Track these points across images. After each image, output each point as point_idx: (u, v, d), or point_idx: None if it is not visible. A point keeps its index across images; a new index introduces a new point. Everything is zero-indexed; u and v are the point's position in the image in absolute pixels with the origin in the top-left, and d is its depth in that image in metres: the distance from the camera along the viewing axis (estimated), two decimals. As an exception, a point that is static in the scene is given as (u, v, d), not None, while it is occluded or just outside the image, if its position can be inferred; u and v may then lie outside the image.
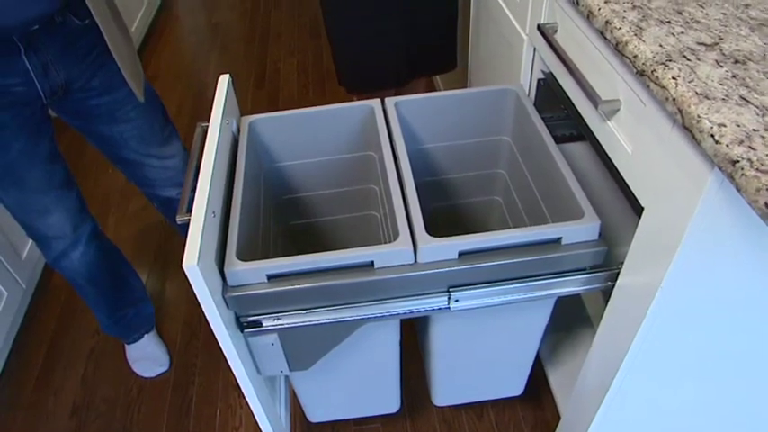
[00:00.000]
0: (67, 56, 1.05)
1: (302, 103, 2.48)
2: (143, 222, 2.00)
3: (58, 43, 1.02)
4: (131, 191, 2.10)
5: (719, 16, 0.72)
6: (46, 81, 1.03)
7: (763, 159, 0.51)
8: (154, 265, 1.84)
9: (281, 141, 1.13)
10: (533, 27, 1.05)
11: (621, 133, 0.79)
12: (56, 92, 1.07)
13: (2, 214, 1.60)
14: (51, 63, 1.02)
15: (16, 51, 0.97)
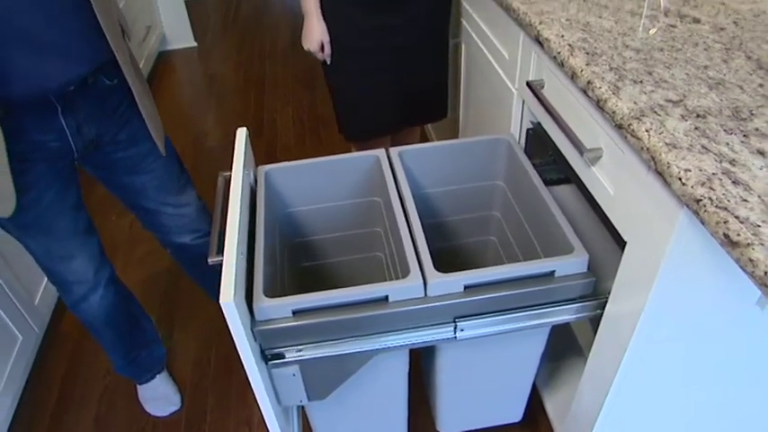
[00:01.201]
0: (98, 113, 1.14)
1: (300, 151, 2.59)
2: (149, 268, 2.07)
3: (90, 102, 1.12)
4: (136, 237, 2.18)
5: (683, 76, 0.84)
6: (79, 137, 1.13)
7: (720, 198, 0.61)
8: (161, 308, 1.91)
9: (294, 188, 1.23)
10: (522, 83, 1.17)
11: (604, 177, 0.90)
12: (87, 147, 1.16)
13: (16, 260, 1.67)
14: (84, 121, 1.12)
15: (54, 111, 1.07)
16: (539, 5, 1.08)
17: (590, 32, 0.97)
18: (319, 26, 1.47)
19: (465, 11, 1.52)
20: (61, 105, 1.07)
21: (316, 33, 1.48)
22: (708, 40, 0.95)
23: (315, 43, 1.49)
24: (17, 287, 1.67)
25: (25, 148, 1.06)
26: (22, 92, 0.99)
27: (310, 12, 1.47)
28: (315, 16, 1.47)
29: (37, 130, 1.06)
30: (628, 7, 1.07)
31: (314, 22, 1.47)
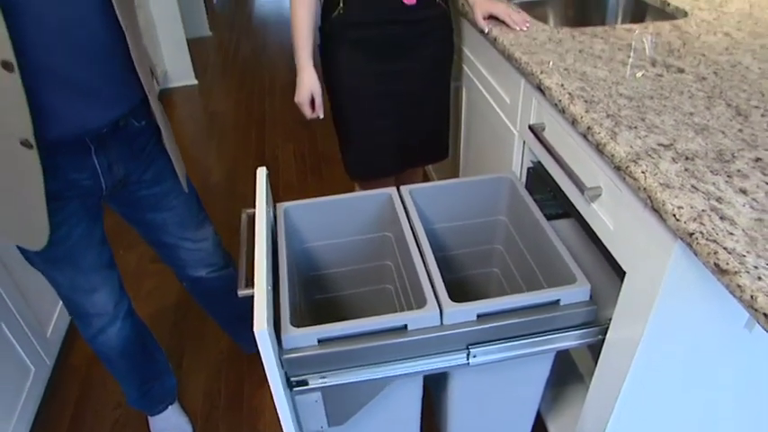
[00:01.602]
0: (127, 153, 1.22)
1: (302, 188, 2.67)
2: (157, 301, 2.12)
3: (120, 143, 1.19)
4: (144, 272, 2.23)
5: (672, 122, 0.94)
6: (109, 176, 1.20)
7: (710, 232, 0.70)
8: (171, 340, 1.95)
9: (310, 225, 1.31)
10: (523, 125, 1.27)
11: (604, 213, 0.98)
12: (116, 185, 1.23)
13: (30, 293, 1.73)
14: (114, 160, 1.19)
15: (88, 151, 1.14)
16: (539, 56, 1.19)
17: (587, 81, 1.07)
18: (310, 79, 1.49)
19: (466, 57, 1.62)
20: (95, 146, 1.14)
21: (306, 85, 1.49)
22: (692, 88, 1.05)
23: (304, 95, 1.50)
24: (31, 319, 1.72)
25: (60, 185, 1.12)
26: (61, 133, 1.06)
27: (302, 65, 1.48)
28: (306, 70, 1.48)
29: (72, 169, 1.13)
30: (619, 58, 1.18)
31: (304, 76, 1.49)
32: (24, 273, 1.71)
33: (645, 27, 1.35)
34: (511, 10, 1.37)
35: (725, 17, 1.40)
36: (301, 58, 1.47)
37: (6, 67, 0.92)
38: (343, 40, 1.48)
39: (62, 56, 0.99)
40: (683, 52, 1.20)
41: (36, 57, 0.95)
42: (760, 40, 1.26)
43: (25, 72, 0.94)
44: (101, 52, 1.05)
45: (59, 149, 1.07)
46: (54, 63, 0.98)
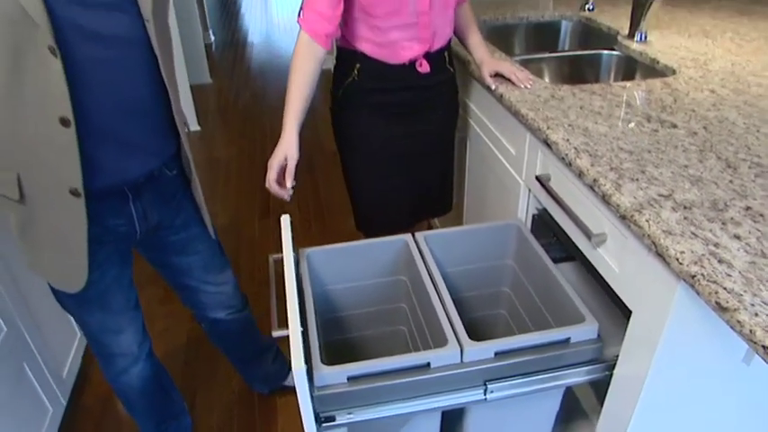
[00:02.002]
0: (160, 201, 1.30)
1: (306, 235, 2.75)
2: (168, 342, 2.16)
3: (154, 191, 1.28)
4: (154, 314, 2.28)
5: (669, 174, 1.04)
6: (144, 222, 1.27)
7: (710, 274, 0.79)
8: (183, 381, 1.99)
9: (329, 269, 1.38)
10: (529, 175, 1.37)
11: (609, 257, 1.07)
12: (149, 230, 1.31)
13: (49, 333, 1.77)
14: (149, 207, 1.27)
15: (126, 199, 1.22)
16: (544, 112, 1.29)
17: (590, 136, 1.18)
18: (289, 143, 1.43)
19: (472, 111, 1.74)
20: (132, 194, 1.22)
21: (282, 149, 1.43)
22: (684, 142, 1.15)
23: (278, 157, 1.42)
24: (49, 360, 1.76)
25: (99, 231, 1.19)
26: (104, 183, 1.14)
27: (286, 128, 1.43)
28: (288, 133, 1.43)
29: (110, 216, 1.21)
30: (617, 114, 1.29)
31: (285, 139, 1.43)
32: (43, 314, 1.77)
33: (638, 84, 1.46)
34: (515, 68, 1.49)
35: (710, 75, 1.52)
36: (287, 120, 1.43)
37: (64, 123, 1.01)
38: (357, 105, 1.54)
39: (111, 113, 1.08)
40: (675, 108, 1.31)
41: (89, 114, 1.04)
42: (742, 96, 1.38)
43: (78, 127, 1.02)
44: (145, 109, 1.14)
45: (101, 197, 1.15)
46: (104, 119, 1.07)
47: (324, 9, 1.36)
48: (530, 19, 2.14)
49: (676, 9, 2.16)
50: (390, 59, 1.45)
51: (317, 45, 1.38)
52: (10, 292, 1.58)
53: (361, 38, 1.45)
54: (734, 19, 2.05)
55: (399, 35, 1.42)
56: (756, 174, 1.04)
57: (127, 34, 1.05)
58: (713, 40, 1.81)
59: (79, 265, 1.18)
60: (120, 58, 1.05)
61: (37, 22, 0.92)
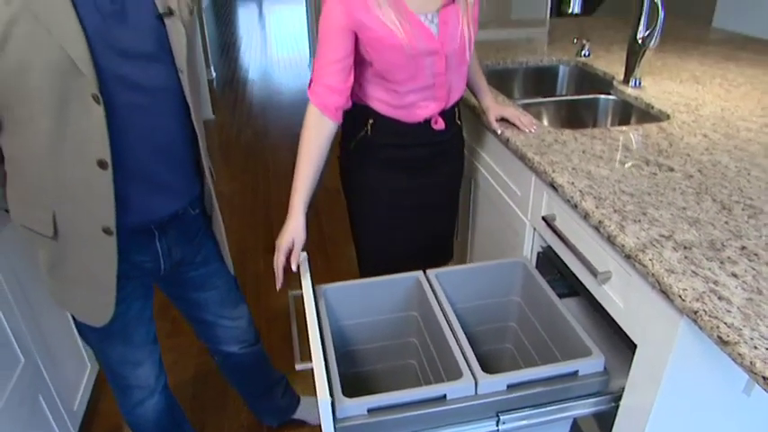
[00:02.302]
0: (183, 239, 1.35)
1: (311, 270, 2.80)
2: (176, 376, 2.19)
3: (179, 229, 1.33)
4: (161, 347, 2.31)
5: (669, 216, 1.11)
6: (168, 259, 1.33)
7: (711, 310, 0.85)
8: (191, 414, 2.02)
9: (343, 304, 1.44)
10: (534, 215, 1.44)
11: (614, 294, 1.14)
12: (172, 267, 1.36)
13: (63, 367, 1.80)
14: (173, 245, 1.33)
15: (152, 236, 1.28)
16: (549, 156, 1.37)
17: (593, 180, 1.25)
18: (296, 227, 1.39)
19: (477, 153, 1.81)
20: (158, 232, 1.28)
21: (290, 232, 1.38)
22: (682, 185, 1.23)
23: (286, 240, 1.37)
24: (62, 392, 1.79)
25: (126, 267, 1.24)
26: (134, 222, 1.20)
27: (293, 210, 1.40)
28: (295, 215, 1.39)
29: (137, 252, 1.26)
30: (617, 157, 1.37)
31: (292, 221, 1.39)
32: (56, 345, 1.80)
33: (635, 129, 1.55)
34: (519, 113, 1.57)
35: (702, 119, 1.61)
36: (295, 201, 1.40)
37: (102, 166, 1.07)
38: (369, 159, 1.54)
39: (145, 156, 1.15)
40: (671, 152, 1.40)
41: (124, 157, 1.11)
42: (732, 141, 1.47)
43: (114, 169, 1.09)
44: (175, 152, 1.21)
45: (129, 235, 1.21)
46: (137, 162, 1.14)
47: (334, 83, 1.36)
48: (529, 63, 2.24)
49: (667, 55, 2.27)
50: (406, 119, 1.46)
51: (327, 119, 1.38)
52: (27, 322, 1.61)
53: (374, 98, 1.46)
54: (721, 65, 2.16)
55: (416, 97, 1.43)
56: (749, 215, 1.11)
57: (163, 83, 1.13)
58: (703, 86, 1.91)
59: (107, 299, 1.23)
60: (155, 105, 1.12)
61: (84, 72, 1.00)
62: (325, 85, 1.36)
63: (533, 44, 2.54)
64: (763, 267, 0.95)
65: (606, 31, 2.74)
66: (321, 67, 1.36)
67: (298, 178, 1.40)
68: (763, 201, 1.16)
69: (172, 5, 1.11)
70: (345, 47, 1.34)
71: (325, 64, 1.35)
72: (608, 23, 2.89)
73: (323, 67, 1.36)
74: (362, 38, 1.33)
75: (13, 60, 0.98)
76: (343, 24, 1.31)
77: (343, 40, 1.33)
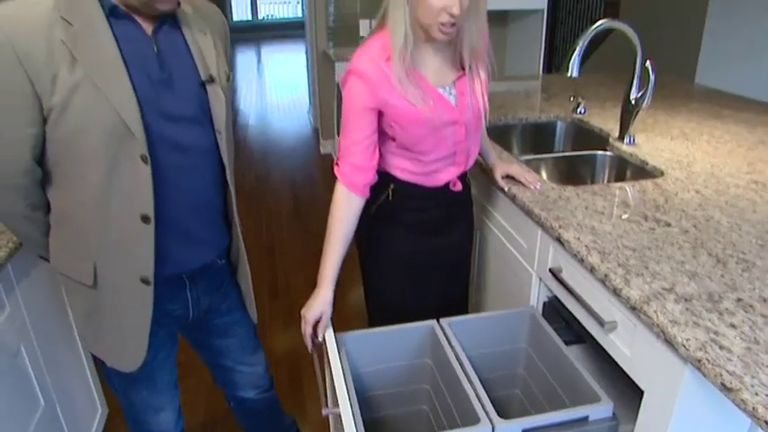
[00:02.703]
0: (211, 288, 1.43)
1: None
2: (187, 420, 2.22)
3: (207, 279, 1.40)
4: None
5: (669, 270, 1.20)
6: (197, 307, 1.40)
7: (714, 358, 0.93)
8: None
9: (359, 352, 1.50)
10: (540, 266, 1.53)
11: (620, 342, 1.22)
12: (199, 314, 1.43)
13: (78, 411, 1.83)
14: (202, 294, 1.40)
15: (183, 286, 1.35)
16: (554, 212, 1.47)
17: (597, 235, 1.35)
18: (324, 300, 1.45)
19: (484, 208, 1.91)
20: (189, 281, 1.35)
21: (319, 305, 1.44)
22: (679, 240, 1.33)
23: (314, 314, 1.43)
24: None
25: (158, 314, 1.30)
26: (169, 272, 1.28)
27: (323, 282, 1.46)
28: (324, 288, 1.46)
29: (168, 301, 1.33)
30: (617, 213, 1.46)
31: (321, 294, 1.45)
32: (72, 388, 1.84)
33: (633, 185, 1.66)
34: (524, 170, 1.68)
35: (693, 176, 1.72)
36: (325, 275, 1.47)
37: (145, 220, 1.16)
38: (389, 222, 1.58)
39: (183, 211, 1.23)
40: (667, 208, 1.50)
41: (164, 211, 1.19)
42: (723, 197, 1.57)
43: (155, 224, 1.17)
44: (210, 207, 1.30)
45: (162, 284, 1.28)
46: (176, 216, 1.22)
47: (360, 161, 1.42)
48: (528, 120, 2.37)
49: (657, 112, 2.40)
50: (427, 183, 1.53)
51: (355, 196, 1.44)
52: (48, 365, 1.66)
53: (397, 167, 1.52)
54: (708, 122, 2.29)
55: (439, 164, 1.50)
56: (743, 269, 1.20)
57: (202, 144, 1.22)
58: (692, 143, 2.03)
59: (139, 346, 1.29)
60: (195, 164, 1.22)
61: (135, 135, 1.09)
62: (353, 164, 1.42)
63: (531, 100, 2.68)
64: (758, 318, 1.04)
65: (599, 88, 2.89)
66: (347, 147, 1.43)
67: (328, 252, 1.47)
68: (755, 255, 1.26)
69: (213, 73, 1.21)
70: (370, 125, 1.41)
71: (351, 143, 1.42)
72: (599, 80, 3.04)
73: (349, 147, 1.42)
74: (387, 114, 1.41)
75: (72, 123, 1.07)
76: (367, 104, 1.39)
77: (368, 119, 1.40)
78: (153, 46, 1.14)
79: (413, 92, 1.37)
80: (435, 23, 1.31)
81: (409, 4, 1.31)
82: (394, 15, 1.33)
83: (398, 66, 1.34)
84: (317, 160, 5.20)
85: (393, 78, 1.35)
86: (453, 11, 1.28)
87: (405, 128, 1.42)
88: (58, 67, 1.04)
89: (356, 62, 1.38)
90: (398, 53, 1.33)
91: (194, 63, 1.20)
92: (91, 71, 1.06)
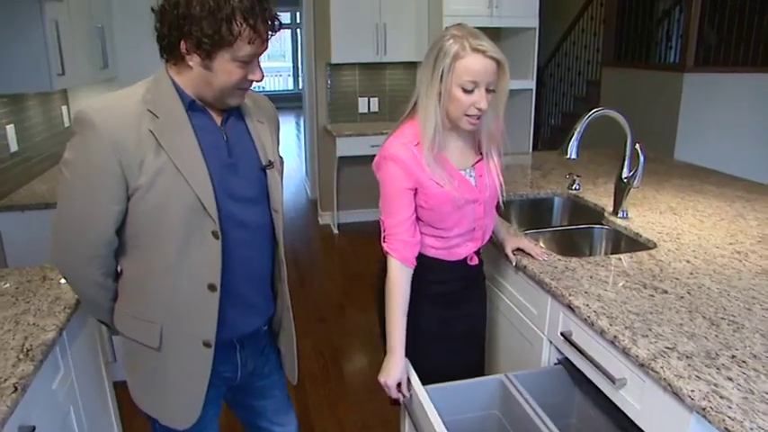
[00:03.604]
0: (257, 352, 1.55)
1: (325, 379, 2.96)
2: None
3: (253, 343, 1.53)
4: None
5: (670, 331, 1.36)
6: (244, 369, 1.52)
7: (716, 407, 1.09)
8: None
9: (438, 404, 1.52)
10: (551, 330, 1.68)
11: (630, 397, 1.36)
12: (245, 376, 1.55)
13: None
14: (249, 357, 1.52)
15: (234, 350, 1.48)
16: (563, 281, 1.64)
17: (603, 301, 1.52)
18: (401, 364, 1.58)
19: (495, 279, 2.07)
20: (239, 345, 1.48)
21: (397, 371, 1.57)
22: (676, 305, 1.50)
23: (394, 380, 1.57)
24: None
25: (211, 375, 1.42)
26: (226, 336, 1.41)
27: (395, 348, 1.58)
28: (397, 353, 1.58)
29: (221, 363, 1.44)
30: (620, 282, 1.64)
31: (398, 360, 1.58)
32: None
33: (630, 257, 1.84)
34: (532, 244, 1.86)
35: (683, 247, 1.91)
36: (396, 343, 1.58)
37: (211, 289, 1.31)
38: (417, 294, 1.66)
39: (242, 280, 1.38)
40: (663, 277, 1.68)
41: (227, 281, 1.34)
42: (711, 265, 1.76)
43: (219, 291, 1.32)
44: (264, 277, 1.45)
45: (218, 348, 1.41)
46: (236, 285, 1.37)
47: (408, 237, 1.57)
48: (528, 196, 2.58)
49: (646, 189, 2.63)
50: (447, 257, 1.68)
51: (406, 268, 1.58)
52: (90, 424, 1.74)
53: (425, 242, 1.66)
54: (692, 197, 2.51)
55: (459, 240, 1.67)
56: (734, 329, 1.37)
57: (261, 221, 1.39)
58: (680, 216, 2.24)
59: (195, 405, 1.41)
60: (254, 239, 1.38)
61: (210, 213, 1.26)
62: (403, 240, 1.57)
63: (527, 177, 2.91)
64: (751, 372, 1.20)
65: (589, 164, 3.13)
66: (395, 225, 1.57)
67: (396, 322, 1.59)
68: (744, 317, 1.43)
69: (271, 159, 1.40)
70: (411, 204, 1.58)
71: (399, 222, 1.57)
72: (590, 158, 3.29)
73: (397, 225, 1.57)
74: (419, 194, 1.59)
75: (154, 201, 1.24)
76: (405, 185, 1.55)
77: (408, 199, 1.58)
78: (223, 135, 1.33)
79: (440, 174, 1.56)
80: (463, 117, 1.51)
81: (440, 99, 1.51)
82: (425, 108, 1.53)
83: (428, 152, 1.53)
84: (317, 231, 5.37)
85: (423, 162, 1.54)
86: (481, 105, 1.49)
87: (432, 207, 1.59)
88: (145, 152, 1.22)
89: (391, 148, 1.57)
90: (428, 142, 1.53)
91: (256, 150, 1.38)
92: (173, 157, 1.23)
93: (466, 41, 1.47)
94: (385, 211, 1.61)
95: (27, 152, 3.04)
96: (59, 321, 1.52)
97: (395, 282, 1.59)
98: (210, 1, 1.18)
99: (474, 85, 1.48)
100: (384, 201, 1.61)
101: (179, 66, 1.27)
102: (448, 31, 1.52)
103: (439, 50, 1.50)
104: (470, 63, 1.47)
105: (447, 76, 1.49)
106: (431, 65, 1.52)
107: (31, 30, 2.57)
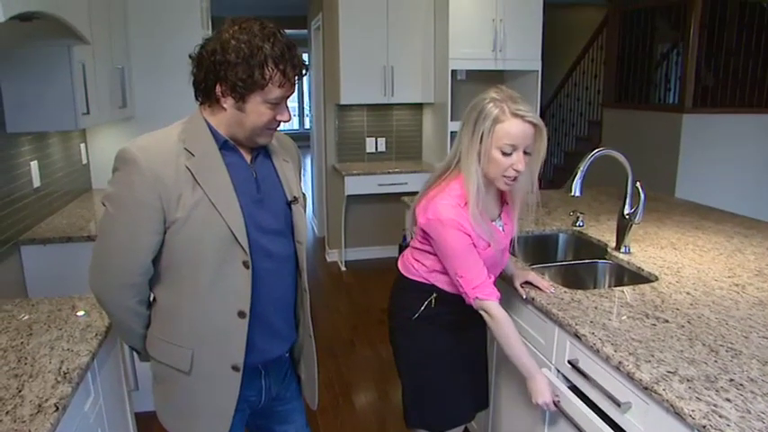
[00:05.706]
0: (279, 377, 1.62)
1: (336, 413, 3.01)
2: None
3: (277, 369, 1.61)
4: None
5: (671, 357, 1.45)
6: (268, 394, 1.59)
7: (716, 424, 1.16)
8: None
9: None
10: (558, 359, 1.76)
11: (635, 419, 1.43)
12: (267, 401, 1.62)
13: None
14: (272, 382, 1.59)
15: (259, 375, 1.55)
16: (570, 312, 1.73)
17: (608, 330, 1.60)
18: (545, 381, 1.68)
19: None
20: (264, 371, 1.56)
21: (547, 389, 1.66)
22: (677, 333, 1.58)
23: (550, 396, 1.66)
24: None
25: (238, 399, 1.50)
26: (252, 362, 1.48)
27: (533, 372, 1.68)
28: (539, 374, 1.68)
29: (247, 387, 1.51)
30: (623, 313, 1.72)
31: (541, 379, 1.67)
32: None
33: (633, 289, 1.93)
34: (539, 277, 1.95)
35: (684, 280, 2.00)
36: (531, 365, 1.69)
37: (241, 316, 1.40)
38: (432, 325, 1.81)
39: (269, 308, 1.47)
40: (664, 307, 1.76)
41: (255, 308, 1.43)
42: (710, 297, 1.84)
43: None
44: (288, 305, 1.54)
45: (244, 373, 1.48)
46: (263, 312, 1.46)
47: (489, 280, 1.69)
48: (534, 232, 2.68)
49: (647, 225, 2.72)
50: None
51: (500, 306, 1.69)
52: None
53: (442, 281, 1.77)
54: (692, 233, 2.60)
55: None
56: (732, 356, 1.45)
57: (286, 252, 1.49)
58: (680, 251, 2.33)
59: (222, 427, 1.48)
60: (279, 269, 1.48)
61: (241, 244, 1.36)
62: (488, 285, 1.68)
63: (533, 214, 3.01)
64: (748, 394, 1.28)
65: (591, 202, 3.23)
66: (477, 275, 1.66)
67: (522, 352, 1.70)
68: (741, 344, 1.51)
69: (296, 194, 1.50)
70: (478, 254, 1.68)
71: (479, 273, 1.66)
72: (592, 196, 3.40)
73: (478, 275, 1.66)
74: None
75: (190, 233, 1.34)
76: (469, 242, 1.65)
77: (475, 252, 1.67)
78: (252, 172, 1.44)
79: (486, 229, 1.68)
80: (501, 177, 1.62)
81: (480, 160, 1.62)
82: (468, 169, 1.64)
83: (475, 211, 1.65)
84: (324, 268, 5.44)
85: (471, 220, 1.65)
86: (519, 167, 1.60)
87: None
88: (182, 188, 1.33)
89: (447, 212, 1.65)
90: (474, 201, 1.64)
91: (282, 186, 1.49)
92: (209, 192, 1.34)
93: (506, 105, 1.58)
94: (461, 269, 1.67)
95: (48, 188, 3.15)
96: (92, 347, 1.60)
97: (504, 320, 1.68)
98: (245, 48, 1.30)
99: (513, 148, 1.59)
100: (455, 261, 1.67)
101: (213, 107, 1.39)
102: (488, 94, 1.62)
103: (479, 113, 1.60)
104: (510, 127, 1.57)
105: (487, 139, 1.59)
106: (471, 126, 1.62)
107: (59, 70, 2.70)
